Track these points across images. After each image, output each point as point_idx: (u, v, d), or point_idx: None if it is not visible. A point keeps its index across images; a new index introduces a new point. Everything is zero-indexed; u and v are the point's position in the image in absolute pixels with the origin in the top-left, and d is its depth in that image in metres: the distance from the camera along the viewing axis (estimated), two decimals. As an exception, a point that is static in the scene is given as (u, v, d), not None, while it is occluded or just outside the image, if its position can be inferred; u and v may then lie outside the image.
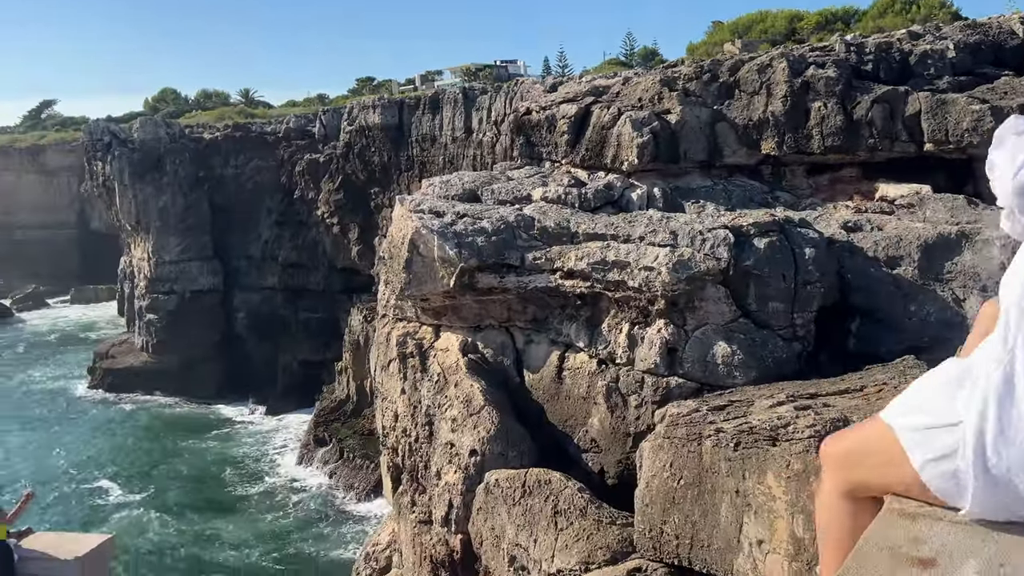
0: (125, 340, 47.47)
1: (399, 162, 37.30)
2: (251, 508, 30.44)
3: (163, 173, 44.49)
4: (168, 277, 44.20)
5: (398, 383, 11.10)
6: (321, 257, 43.27)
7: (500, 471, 8.49)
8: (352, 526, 28.01)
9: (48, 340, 57.07)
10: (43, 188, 71.65)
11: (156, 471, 34.21)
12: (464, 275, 9.74)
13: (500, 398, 9.72)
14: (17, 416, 40.92)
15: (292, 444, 36.46)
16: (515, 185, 11.47)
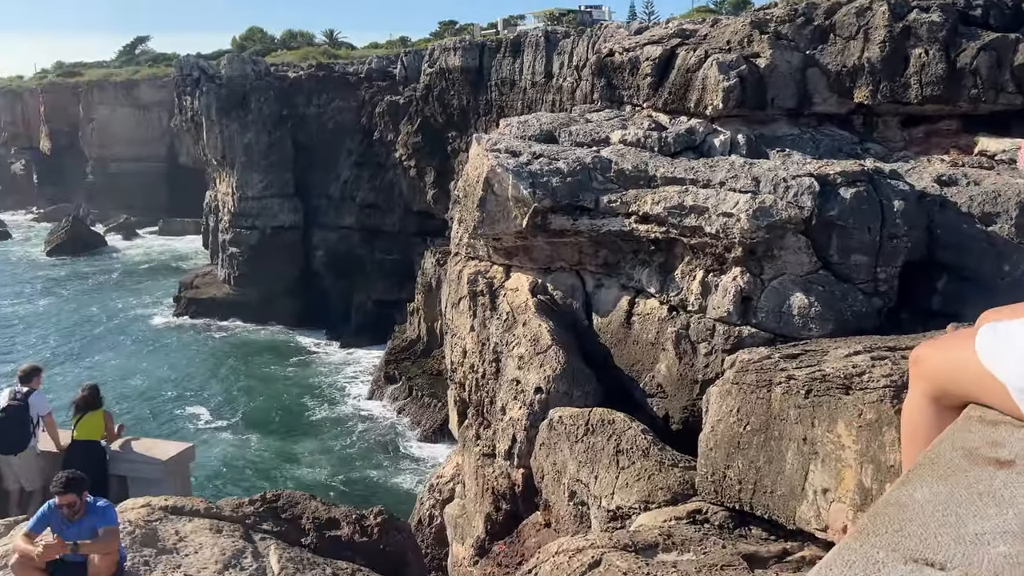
0: (209, 272, 49.28)
1: (477, 106, 37.15)
2: (323, 433, 31.74)
3: (248, 110, 45.43)
4: (251, 212, 45.44)
5: (467, 320, 11.24)
6: (397, 199, 43.76)
7: (564, 409, 8.56)
8: (412, 463, 28.82)
9: (137, 269, 59.71)
10: (136, 122, 74.14)
11: (237, 393, 35.84)
12: (537, 215, 9.71)
13: (567, 339, 9.74)
14: (106, 341, 43.23)
15: (363, 377, 37.58)
16: (593, 127, 11.31)
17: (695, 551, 5.72)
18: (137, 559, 5.97)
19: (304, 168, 46.39)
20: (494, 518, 9.74)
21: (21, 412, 9.11)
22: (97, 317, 47.45)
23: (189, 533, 6.32)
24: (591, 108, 12.65)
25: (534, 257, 10.53)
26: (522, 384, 9.47)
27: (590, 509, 7.57)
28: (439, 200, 39.64)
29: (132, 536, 6.17)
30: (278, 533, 6.87)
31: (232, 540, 6.32)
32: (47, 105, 79.28)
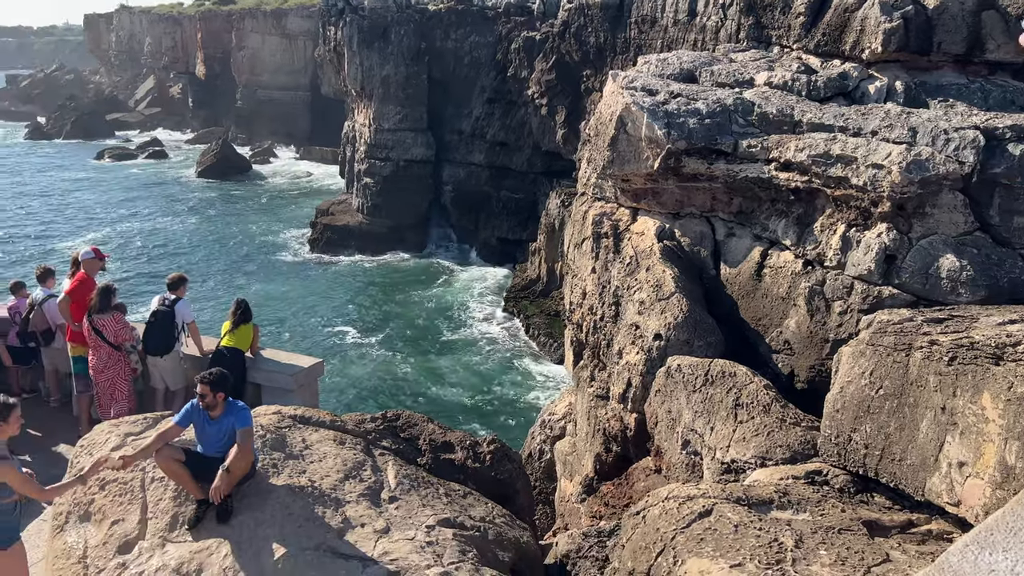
0: (344, 200, 51.10)
1: (615, 44, 36.18)
2: (457, 353, 33.10)
3: (388, 43, 46.12)
4: (385, 144, 46.55)
5: (589, 261, 11.14)
6: (527, 138, 43.62)
7: (683, 358, 8.39)
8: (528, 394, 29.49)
9: (278, 193, 62.74)
10: (283, 51, 76.91)
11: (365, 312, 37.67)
12: (670, 158, 9.41)
13: (692, 287, 9.49)
14: (246, 260, 45.90)
15: (490, 299, 38.68)
16: (737, 68, 10.76)
17: (812, 512, 5.52)
18: (267, 461, 6.36)
19: (438, 103, 46.89)
20: (604, 459, 9.78)
21: (168, 317, 9.82)
22: (238, 237, 50.39)
23: (315, 442, 6.67)
24: (736, 48, 12.02)
25: (663, 201, 10.25)
26: (641, 329, 9.34)
27: (703, 459, 7.45)
28: (568, 140, 39.22)
29: (263, 440, 6.57)
30: (396, 451, 7.15)
31: (353, 452, 6.62)
32: (203, 32, 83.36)
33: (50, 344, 10.64)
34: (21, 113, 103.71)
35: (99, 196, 60.60)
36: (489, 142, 44.91)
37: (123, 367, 9.71)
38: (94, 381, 9.71)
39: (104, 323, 9.61)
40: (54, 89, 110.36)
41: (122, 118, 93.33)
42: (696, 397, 7.81)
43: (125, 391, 9.74)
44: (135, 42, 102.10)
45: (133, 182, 65.98)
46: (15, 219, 53.35)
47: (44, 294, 10.65)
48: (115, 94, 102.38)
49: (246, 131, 78.97)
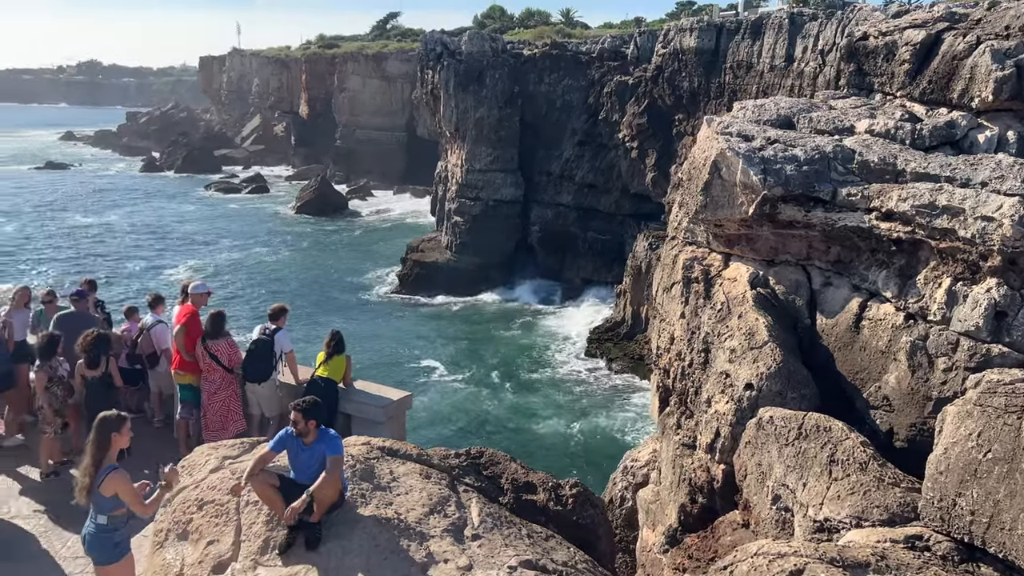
0: (433, 237, 52.17)
1: (709, 89, 36.04)
2: (539, 393, 33.08)
3: (483, 86, 47.26)
4: (476, 184, 47.44)
5: (679, 306, 11.00)
6: (615, 180, 43.74)
7: (775, 409, 8.15)
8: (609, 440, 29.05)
9: (371, 230, 64.62)
10: (382, 93, 79.81)
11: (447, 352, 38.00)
12: (765, 204, 9.27)
13: (786, 337, 9.25)
14: (337, 293, 47.26)
15: (574, 340, 38.59)
16: (837, 115, 10.55)
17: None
18: (355, 491, 6.50)
19: (529, 144, 47.60)
20: (688, 509, 9.55)
21: (268, 346, 10.20)
22: (331, 271, 52.01)
23: (401, 475, 6.77)
24: (836, 94, 11.81)
25: (757, 247, 10.07)
26: (732, 378, 9.14)
27: (794, 516, 7.18)
28: (658, 183, 39.10)
29: (353, 469, 6.72)
30: (479, 488, 7.18)
31: (438, 487, 6.69)
32: (308, 74, 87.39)
33: (155, 367, 11.20)
34: (138, 148, 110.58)
35: (203, 227, 63.77)
36: (578, 184, 45.22)
37: (235, 389, 10.14)
38: (207, 404, 10.14)
39: (218, 348, 10.06)
40: (169, 126, 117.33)
41: (229, 154, 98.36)
42: (788, 451, 7.56)
43: (238, 412, 10.15)
44: (244, 83, 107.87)
45: (235, 215, 69.19)
46: (128, 246, 56.65)
47: (153, 320, 11.25)
48: (223, 131, 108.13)
49: (344, 169, 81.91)
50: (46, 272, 47.93)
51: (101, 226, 62.85)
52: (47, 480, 9.51)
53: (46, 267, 49.69)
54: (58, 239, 57.75)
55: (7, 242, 55.94)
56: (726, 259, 10.58)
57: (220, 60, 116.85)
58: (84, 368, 9.76)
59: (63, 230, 60.70)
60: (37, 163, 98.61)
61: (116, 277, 47.75)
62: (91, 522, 6.19)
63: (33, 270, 48.57)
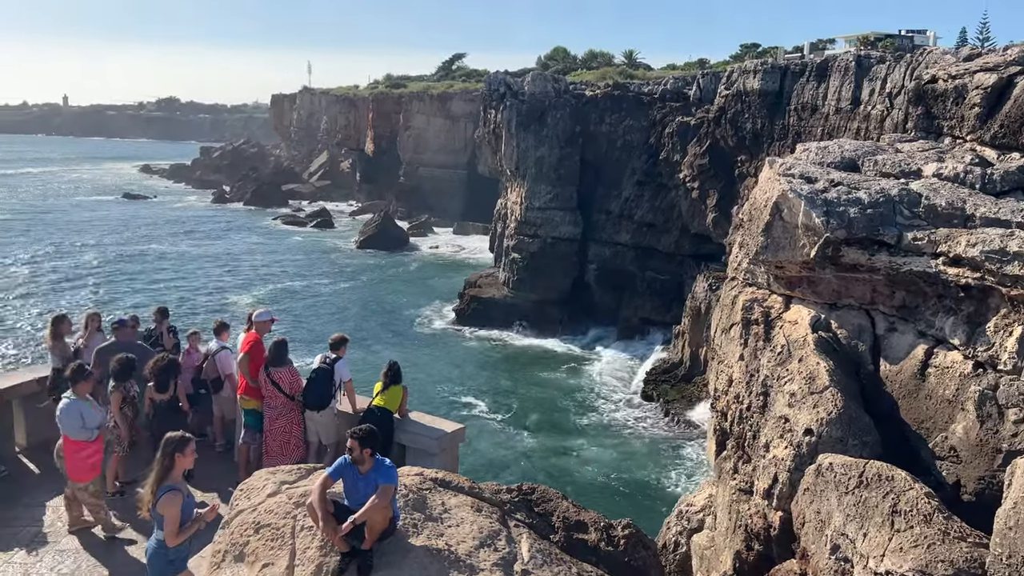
0: (491, 273, 52.58)
1: (772, 130, 35.78)
2: (592, 433, 32.64)
3: (544, 125, 47.84)
4: (535, 222, 47.77)
5: (738, 348, 10.86)
6: (676, 220, 43.52)
7: (836, 456, 7.95)
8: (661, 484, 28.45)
9: (430, 265, 65.49)
10: (446, 132, 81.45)
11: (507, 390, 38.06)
12: (828, 247, 9.14)
13: (847, 382, 9.05)
14: (394, 326, 47.85)
15: (630, 380, 38.10)
16: (903, 158, 10.39)
17: (979, 639, 5.02)
18: (407, 521, 6.55)
19: (588, 183, 47.83)
20: (744, 556, 9.32)
21: (328, 375, 10.38)
22: (391, 304, 52.78)
23: (453, 507, 6.81)
24: (903, 138, 11.63)
25: (819, 290, 9.92)
26: (791, 423, 8.95)
27: (854, 567, 6.96)
28: (719, 224, 38.77)
29: (405, 499, 6.78)
30: (530, 524, 7.16)
31: (489, 521, 6.70)
32: (374, 112, 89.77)
33: (219, 392, 11.50)
34: (210, 181, 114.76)
35: (269, 258, 65.56)
36: (637, 223, 45.13)
37: (296, 415, 10.34)
38: (268, 430, 10.35)
39: (280, 375, 10.30)
40: (240, 160, 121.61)
41: (296, 188, 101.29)
42: (849, 499, 7.35)
43: (299, 437, 10.35)
44: (313, 120, 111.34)
45: (299, 247, 70.98)
46: (198, 274, 58.53)
47: (218, 346, 11.58)
48: (292, 167, 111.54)
49: (406, 205, 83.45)
50: (120, 299, 49.81)
51: (173, 255, 65.18)
52: (112, 498, 9.81)
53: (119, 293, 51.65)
54: (133, 267, 60.05)
55: (86, 270, 58.35)
56: (787, 301, 10.43)
57: (291, 98, 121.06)
58: (153, 391, 10.08)
59: (138, 259, 63.13)
60: (116, 194, 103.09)
61: (185, 304, 49.32)
62: (153, 537, 6.38)
63: (108, 296, 50.51)
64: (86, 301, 46.79)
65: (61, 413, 8.75)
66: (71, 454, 8.70)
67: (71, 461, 8.70)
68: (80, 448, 8.69)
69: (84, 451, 8.68)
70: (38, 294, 50.74)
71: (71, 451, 8.70)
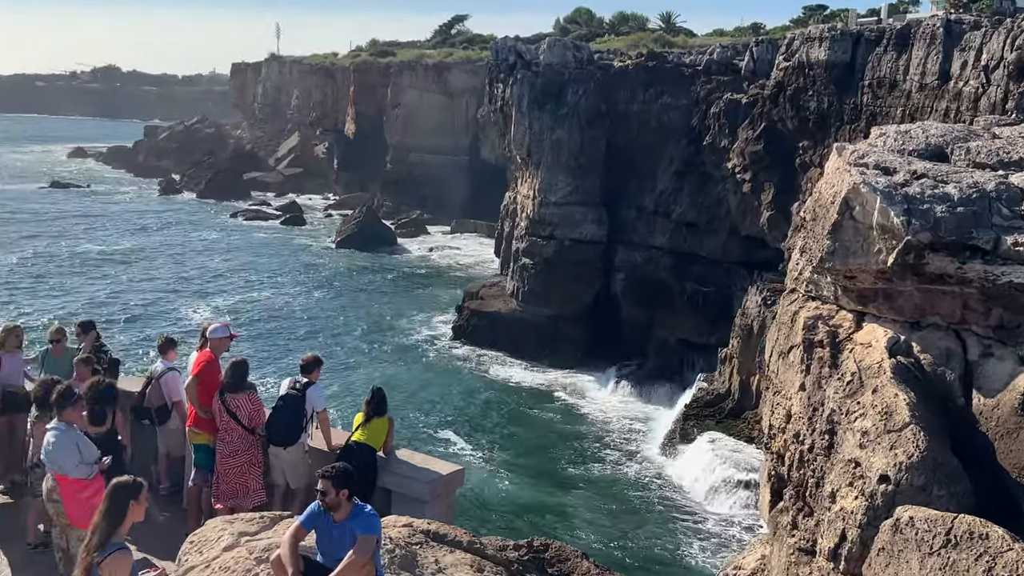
0: (497, 283, 52.70)
1: (842, 111, 35.82)
2: (597, 489, 32.47)
3: (563, 103, 47.98)
4: (550, 220, 47.83)
5: (798, 376, 10.86)
6: (723, 219, 43.53)
7: (918, 509, 7.93)
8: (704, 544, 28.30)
9: (423, 271, 65.73)
10: (442, 110, 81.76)
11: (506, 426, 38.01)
12: (909, 252, 9.15)
13: (932, 419, 9.03)
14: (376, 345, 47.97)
15: (652, 432, 37.87)
16: (1002, 145, 10.41)
17: None
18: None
19: (616, 174, 47.91)
20: (804, 631, 9.30)
21: (298, 403, 10.43)
22: (375, 318, 52.95)
23: (449, 565, 6.82)
24: (1003, 120, 11.63)
25: (898, 306, 9.92)
26: (863, 468, 8.94)
27: (940, 646, 6.94)
28: (776, 225, 38.75)
29: (391, 555, 6.80)
30: (543, 588, 7.17)
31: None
32: (356, 85, 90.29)
33: (165, 423, 11.53)
34: (157, 168, 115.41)
35: (228, 261, 65.92)
36: (675, 222, 45.18)
37: (257, 452, 10.39)
38: (221, 469, 10.39)
39: (238, 403, 10.36)
40: (193, 143, 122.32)
41: (260, 178, 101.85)
42: (934, 562, 7.34)
43: (258, 480, 10.38)
44: (282, 95, 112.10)
45: (266, 248, 71.38)
46: (140, 282, 58.81)
47: (164, 367, 11.62)
48: (255, 151, 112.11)
49: (394, 199, 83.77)
50: (46, 309, 50.09)
51: (110, 256, 65.55)
52: (35, 551, 9.84)
53: (46, 302, 51.93)
54: (60, 271, 60.40)
55: (1, 274, 58.72)
56: (859, 319, 10.43)
57: (255, 68, 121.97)
58: (87, 424, 10.11)
59: (66, 261, 63.49)
60: (42, 182, 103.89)
61: (123, 317, 49.56)
62: None
63: (30, 306, 50.79)
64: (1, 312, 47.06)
65: (53, 447, 8.56)
66: (70, 496, 8.46)
67: (71, 504, 8.44)
68: (81, 488, 8.48)
69: (85, 491, 8.44)
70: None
71: (70, 492, 8.47)
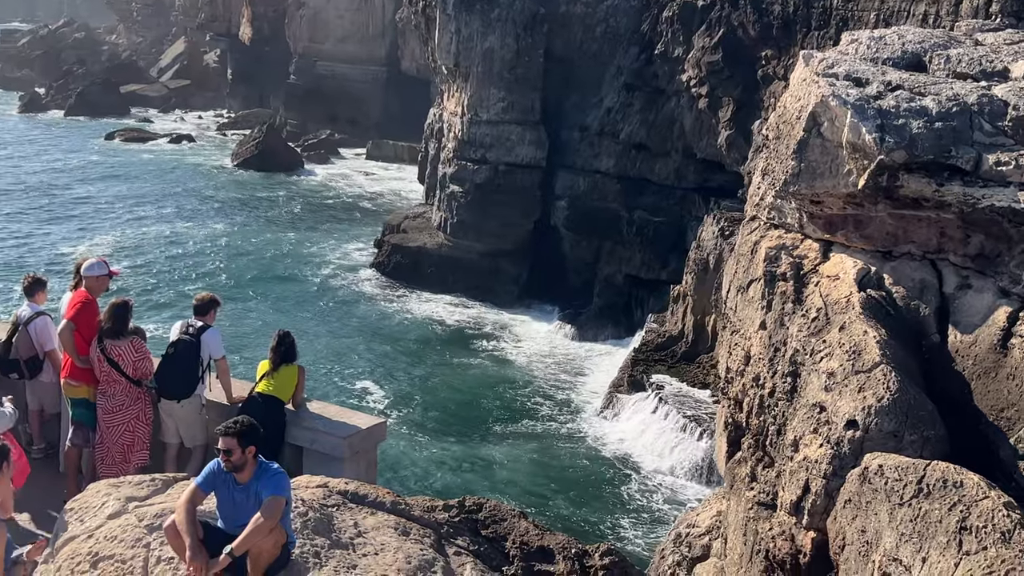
0: (421, 214, 52.43)
1: (809, 15, 36.07)
2: (537, 443, 32.83)
3: (495, 4, 47.31)
4: (482, 141, 47.53)
5: (758, 313, 11.08)
6: (676, 140, 43.78)
7: (888, 456, 8.21)
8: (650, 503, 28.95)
9: (335, 201, 65.01)
10: (354, 11, 80.00)
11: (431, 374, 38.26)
12: (882, 173, 9.33)
13: (905, 358, 9.32)
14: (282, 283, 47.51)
15: (593, 381, 38.39)
16: (985, 53, 10.62)
17: None
18: (307, 548, 6.62)
19: (556, 88, 47.71)
20: (764, 592, 9.62)
21: (191, 350, 10.32)
22: (280, 252, 52.37)
23: (370, 528, 6.89)
24: (985, 26, 11.87)
25: (868, 234, 10.14)
26: (828, 413, 9.21)
27: (909, 602, 7.26)
28: (734, 145, 39.16)
29: (304, 519, 6.84)
30: (476, 552, 7.30)
31: (420, 548, 6.80)
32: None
33: (36, 376, 11.30)
34: (16, 80, 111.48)
35: (106, 189, 64.39)
36: (623, 143, 45.29)
37: (145, 407, 10.30)
38: (105, 427, 10.28)
39: (120, 351, 10.23)
40: (59, 51, 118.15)
41: (141, 91, 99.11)
42: (903, 513, 7.63)
43: (148, 437, 10.30)
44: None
45: (150, 173, 69.84)
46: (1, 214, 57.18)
47: (32, 311, 11.34)
48: (134, 59, 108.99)
49: (299, 116, 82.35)
50: None
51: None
52: None
53: None
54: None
55: None
56: (825, 249, 10.65)
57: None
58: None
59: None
60: None
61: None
62: None
63: None
64: None
65: None
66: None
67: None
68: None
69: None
70: None
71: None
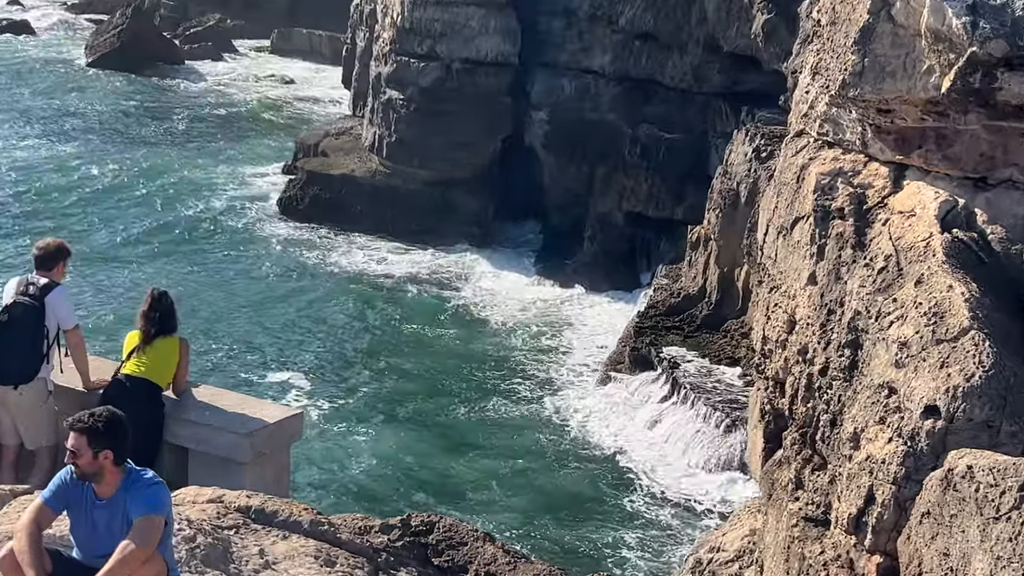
0: (347, 130, 52.02)
1: None
2: (503, 438, 32.95)
3: None
4: (429, 30, 47.04)
5: (806, 262, 11.15)
6: (694, 28, 43.68)
7: (979, 454, 8.30)
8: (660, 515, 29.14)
9: (231, 110, 64.44)
10: None
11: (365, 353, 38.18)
12: (975, 71, 9.37)
13: (1003, 322, 9.41)
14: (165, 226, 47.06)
15: (584, 355, 38.47)
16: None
17: None
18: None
19: (532, -44, 47.46)
20: (813, 636, 9.74)
21: (33, 316, 10.23)
22: (150, 183, 51.72)
23: (282, 558, 6.87)
24: None
25: (955, 154, 10.22)
26: (900, 396, 9.29)
27: (1007, 647, 7.35)
28: (774, 36, 39.08)
29: (192, 547, 6.80)
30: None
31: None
32: None
33: None
34: None
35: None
36: (623, 33, 45.18)
37: None
38: None
39: None
40: None
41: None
42: (1001, 530, 7.71)
43: None
44: None
45: (-25, 74, 68.98)
46: None
47: None
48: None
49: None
50: None
51: None
52: None
53: None
54: None
55: None
56: (897, 175, 10.72)
57: None
58: None
59: None
60: None
61: None
62: None
63: None
64: None
65: None
66: None
67: None
68: None
69: None
70: None
71: None
